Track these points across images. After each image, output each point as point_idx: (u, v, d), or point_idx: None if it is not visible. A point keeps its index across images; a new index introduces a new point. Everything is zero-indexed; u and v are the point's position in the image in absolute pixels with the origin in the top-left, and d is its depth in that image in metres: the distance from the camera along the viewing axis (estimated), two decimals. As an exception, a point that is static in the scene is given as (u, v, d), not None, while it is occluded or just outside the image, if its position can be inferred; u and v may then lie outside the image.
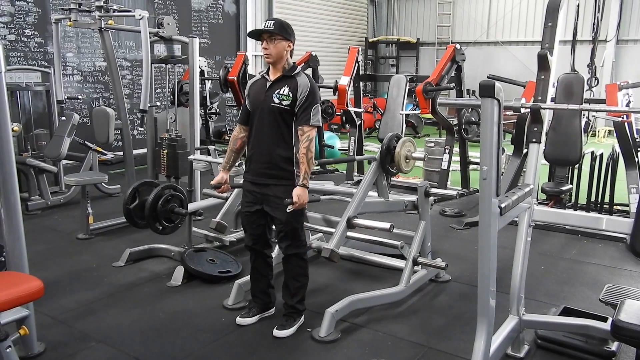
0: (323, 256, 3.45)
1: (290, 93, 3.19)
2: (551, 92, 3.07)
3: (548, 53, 2.90)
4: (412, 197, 4.14)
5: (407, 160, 3.62)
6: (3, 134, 2.84)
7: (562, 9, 3.01)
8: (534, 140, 2.99)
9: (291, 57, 3.30)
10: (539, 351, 3.24)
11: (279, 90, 3.21)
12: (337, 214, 4.60)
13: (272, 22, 3.20)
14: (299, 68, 3.33)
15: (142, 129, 5.69)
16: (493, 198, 2.36)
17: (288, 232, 3.31)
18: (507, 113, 2.26)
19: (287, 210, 3.16)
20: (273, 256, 3.61)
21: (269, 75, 3.30)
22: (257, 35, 3.24)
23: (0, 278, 2.72)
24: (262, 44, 3.22)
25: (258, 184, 3.31)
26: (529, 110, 3.12)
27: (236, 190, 4.56)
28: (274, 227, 3.44)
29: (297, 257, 3.40)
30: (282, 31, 3.18)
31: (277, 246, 3.83)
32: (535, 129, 2.97)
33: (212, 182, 3.57)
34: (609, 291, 3.31)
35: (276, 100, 3.20)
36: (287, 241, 3.34)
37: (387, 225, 3.45)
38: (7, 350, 2.58)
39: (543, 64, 2.92)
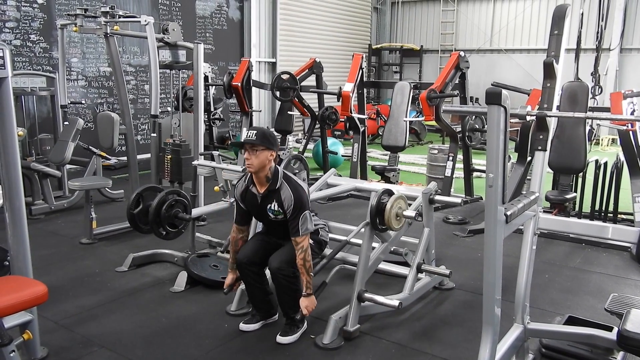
0: (345, 337, 3.41)
1: (279, 208, 3.32)
2: (555, 100, 3.07)
3: (554, 61, 2.90)
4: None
5: (398, 218, 3.58)
6: (9, 138, 2.84)
7: (568, 17, 3.01)
8: (539, 148, 2.98)
9: (274, 165, 3.33)
10: (543, 360, 3.23)
11: (270, 205, 3.34)
12: (341, 220, 4.59)
13: (255, 132, 3.24)
14: (281, 173, 3.35)
15: (154, 135, 5.69)
16: (499, 206, 2.35)
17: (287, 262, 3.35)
18: (512, 121, 2.25)
19: (297, 317, 3.35)
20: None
21: (255, 187, 3.37)
22: (240, 145, 3.31)
23: (4, 282, 2.72)
24: (244, 154, 3.27)
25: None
26: (533, 118, 3.11)
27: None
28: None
29: (287, 277, 3.35)
30: (264, 141, 3.22)
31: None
32: (541, 136, 2.96)
33: (225, 285, 3.58)
34: (615, 300, 3.29)
35: (272, 216, 3.36)
36: (281, 264, 3.33)
37: (395, 303, 3.45)
38: (11, 354, 2.58)
39: (549, 71, 2.92)
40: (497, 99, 2.21)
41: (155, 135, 5.79)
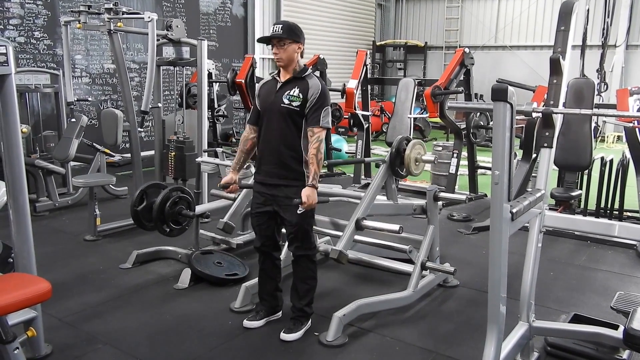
0: (331, 257, 3.43)
1: (300, 94, 3.19)
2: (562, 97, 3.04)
3: (560, 57, 2.87)
4: (421, 201, 4.12)
5: (417, 163, 3.59)
6: (13, 135, 2.84)
7: (575, 13, 2.98)
8: (545, 145, 2.96)
9: (302, 58, 3.29)
10: (548, 358, 3.21)
11: (289, 91, 3.21)
12: (345, 217, 4.59)
13: (280, 25, 3.19)
14: (310, 70, 3.33)
15: (142, 130, 5.67)
16: (505, 203, 2.34)
17: (298, 233, 3.30)
18: (517, 118, 2.23)
19: (298, 212, 3.16)
20: (282, 258, 3.59)
21: (279, 77, 3.30)
22: (266, 40, 3.24)
23: (8, 279, 2.72)
24: (272, 49, 3.22)
25: (268, 184, 3.31)
26: (539, 115, 3.08)
27: (244, 191, 4.54)
28: (283, 229, 3.43)
29: (307, 259, 3.39)
30: (290, 34, 3.17)
31: (285, 248, 3.82)
32: (547, 133, 2.93)
33: (220, 182, 3.57)
34: (621, 298, 3.27)
35: (286, 102, 3.20)
36: (297, 242, 3.34)
37: (396, 227, 3.43)
38: (15, 351, 2.58)
39: (555, 68, 2.89)
40: (504, 96, 2.20)
41: (142, 130, 5.77)
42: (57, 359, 3.12)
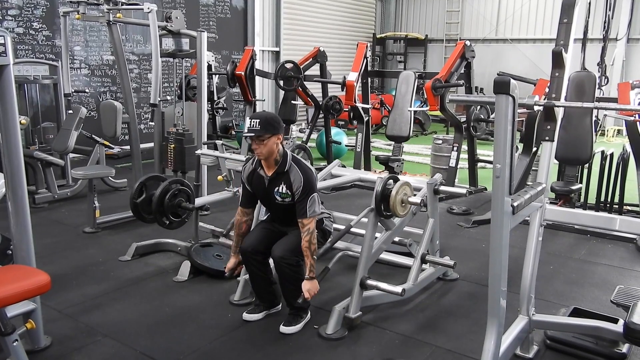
0: (347, 325, 3.40)
1: (287, 190, 3.30)
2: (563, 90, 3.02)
3: (563, 50, 2.85)
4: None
5: (403, 204, 3.54)
6: (11, 127, 2.82)
7: (577, 5, 2.96)
8: (546, 138, 2.94)
9: (281, 146, 3.32)
10: (548, 352, 3.21)
11: (277, 188, 3.32)
12: (345, 210, 4.57)
13: (258, 120, 3.19)
14: (289, 157, 3.33)
15: (152, 124, 5.67)
16: (506, 197, 2.33)
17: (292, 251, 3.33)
18: (518, 111, 2.22)
19: (299, 301, 3.29)
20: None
21: (263, 170, 3.35)
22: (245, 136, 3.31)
23: (7, 271, 2.71)
24: (251, 144, 3.26)
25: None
26: (540, 108, 3.07)
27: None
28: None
29: (290, 265, 3.32)
30: (268, 129, 3.18)
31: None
32: (549, 127, 2.92)
33: (227, 269, 3.55)
34: (621, 292, 3.27)
35: (279, 199, 3.34)
36: (284, 253, 3.30)
37: (398, 289, 3.42)
38: (14, 344, 2.58)
39: (558, 61, 2.87)
40: (506, 89, 2.18)
41: (153, 123, 5.76)
42: (56, 351, 3.12)
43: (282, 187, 3.30)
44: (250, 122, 3.21)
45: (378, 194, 3.44)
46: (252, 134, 3.17)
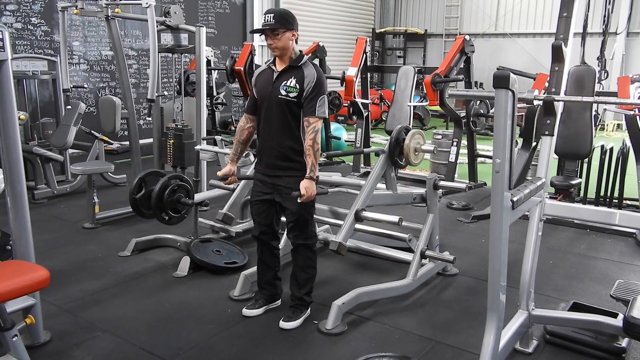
0: (331, 249, 3.43)
1: (297, 84, 3.15)
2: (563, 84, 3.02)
3: (562, 44, 2.85)
4: (421, 190, 4.11)
5: (417, 153, 3.56)
6: (10, 122, 2.81)
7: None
8: (546, 133, 2.94)
9: (296, 44, 3.24)
10: (547, 346, 3.21)
11: (285, 82, 3.17)
12: (344, 205, 4.59)
13: (272, 14, 3.13)
14: (306, 57, 3.28)
15: (149, 119, 5.66)
16: (505, 192, 2.32)
17: (298, 222, 3.29)
18: (518, 106, 2.22)
19: (297, 201, 3.15)
20: (280, 247, 3.58)
21: (275, 66, 3.25)
22: (260, 30, 3.19)
23: (6, 267, 2.71)
24: (266, 40, 3.18)
25: (269, 175, 3.30)
26: (540, 102, 3.06)
27: (243, 181, 4.53)
28: (283, 218, 3.41)
29: (306, 248, 3.38)
30: (283, 23, 3.12)
31: (284, 237, 3.80)
32: (548, 121, 2.91)
33: (219, 174, 3.54)
34: (620, 287, 3.27)
35: (283, 93, 3.16)
36: (297, 231, 3.32)
37: (395, 218, 3.41)
38: (14, 339, 2.58)
39: (557, 55, 2.86)
40: (506, 83, 2.18)
41: (150, 119, 5.75)
42: (56, 347, 3.12)
43: (292, 81, 3.15)
44: (265, 16, 3.13)
45: (393, 139, 3.45)
46: (267, 28, 3.11)
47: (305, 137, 3.15)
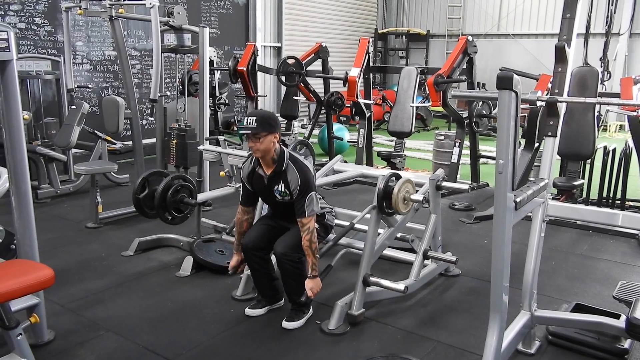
0: (350, 322, 3.40)
1: (286, 189, 3.29)
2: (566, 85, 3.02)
3: (566, 45, 2.85)
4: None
5: (405, 202, 3.53)
6: (14, 122, 2.83)
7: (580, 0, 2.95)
8: (549, 133, 2.94)
9: (278, 145, 3.29)
10: (550, 347, 3.21)
11: (277, 187, 3.32)
12: (345, 205, 4.58)
13: (254, 118, 3.16)
14: (287, 155, 3.30)
15: (152, 119, 5.67)
16: (508, 192, 2.33)
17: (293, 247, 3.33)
18: (521, 106, 2.22)
19: (302, 299, 3.34)
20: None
21: (262, 169, 3.34)
22: (243, 133, 3.31)
23: (11, 266, 2.72)
24: (248, 142, 3.25)
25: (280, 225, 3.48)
26: (543, 103, 3.06)
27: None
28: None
29: (292, 261, 3.33)
30: (265, 127, 3.15)
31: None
32: (552, 122, 2.92)
33: (230, 267, 3.55)
34: (623, 288, 3.27)
35: (279, 197, 3.33)
36: (286, 250, 3.31)
37: (401, 287, 3.42)
38: (18, 337, 2.59)
39: (560, 56, 2.87)
40: (509, 84, 2.18)
41: (153, 119, 5.76)
42: (59, 345, 3.13)
43: (281, 186, 3.29)
44: (247, 119, 3.19)
45: (380, 191, 3.44)
46: (249, 132, 3.16)
47: (302, 236, 3.23)
